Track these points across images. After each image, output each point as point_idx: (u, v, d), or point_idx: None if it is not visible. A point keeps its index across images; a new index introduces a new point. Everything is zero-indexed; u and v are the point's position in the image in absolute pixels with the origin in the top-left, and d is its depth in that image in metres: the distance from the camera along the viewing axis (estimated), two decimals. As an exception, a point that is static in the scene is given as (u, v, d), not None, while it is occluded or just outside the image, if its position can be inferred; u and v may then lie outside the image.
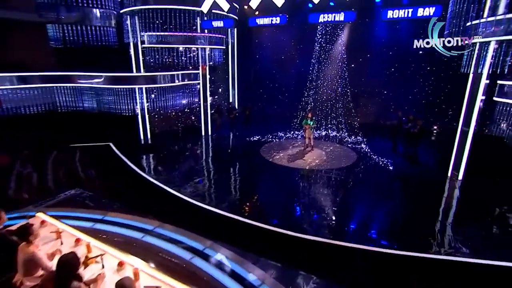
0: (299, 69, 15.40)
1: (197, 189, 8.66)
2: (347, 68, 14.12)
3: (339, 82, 14.35)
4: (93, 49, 12.45)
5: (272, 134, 14.11)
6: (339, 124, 14.28)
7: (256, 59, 17.15)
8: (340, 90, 14.37)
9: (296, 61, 15.77)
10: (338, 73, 14.31)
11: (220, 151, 12.57)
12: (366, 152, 12.02)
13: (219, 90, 16.08)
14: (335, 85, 14.40)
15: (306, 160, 11.03)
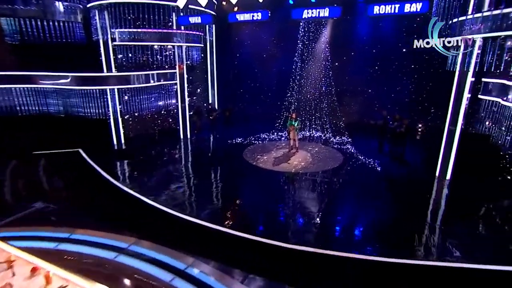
0: (282, 67, 15.03)
1: (176, 198, 8.13)
2: (331, 67, 13.90)
3: (323, 81, 14.12)
4: (57, 46, 11.54)
5: (255, 135, 13.74)
6: (323, 124, 14.11)
7: (236, 58, 16.61)
8: (324, 89, 14.15)
9: (278, 60, 15.37)
10: (321, 72, 14.06)
11: (200, 155, 12.06)
12: (352, 152, 11.90)
13: (198, 91, 15.51)
14: (319, 84, 14.16)
15: (291, 163, 10.74)
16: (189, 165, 10.86)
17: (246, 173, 10.17)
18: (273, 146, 12.67)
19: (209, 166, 10.77)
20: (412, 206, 7.78)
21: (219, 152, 12.33)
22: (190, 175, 9.97)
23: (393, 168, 10.40)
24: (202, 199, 8.15)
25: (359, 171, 10.10)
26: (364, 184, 9.14)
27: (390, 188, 8.95)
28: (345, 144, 12.78)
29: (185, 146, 13.06)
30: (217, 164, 10.99)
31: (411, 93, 13.37)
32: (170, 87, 13.32)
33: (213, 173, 10.31)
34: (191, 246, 5.92)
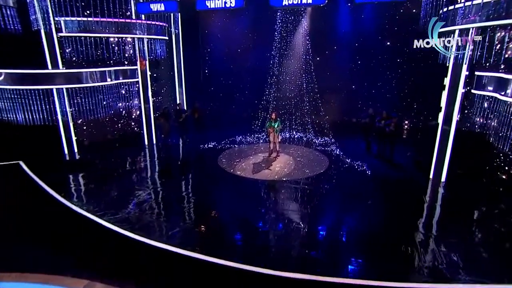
0: (258, 63, 14.35)
1: (139, 218, 7.07)
2: (312, 61, 13.41)
3: (303, 77, 13.59)
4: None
5: (230, 139, 13.06)
6: (305, 124, 13.62)
7: (207, 52, 15.74)
8: (305, 86, 13.63)
9: (254, 54, 14.63)
10: (302, 67, 13.53)
11: (168, 163, 11.03)
12: (337, 154, 11.39)
13: (164, 90, 14.38)
14: (299, 81, 13.63)
15: (273, 169, 10.00)
16: (156, 176, 9.76)
17: (222, 183, 9.30)
18: (251, 150, 11.94)
19: (179, 177, 9.75)
20: (406, 215, 7.32)
21: (190, 159, 11.37)
22: (158, 188, 8.90)
23: (383, 171, 9.96)
24: (172, 219, 7.16)
25: (347, 176, 9.59)
26: (354, 191, 8.62)
27: (381, 195, 8.46)
28: (329, 146, 12.30)
29: (150, 153, 11.93)
30: (188, 174, 10.00)
31: (395, 89, 13.16)
32: (131, 86, 12.09)
33: (184, 185, 9.32)
34: (159, 284, 4.95)
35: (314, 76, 13.42)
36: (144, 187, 8.83)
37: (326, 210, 7.85)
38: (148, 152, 12.03)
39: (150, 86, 12.39)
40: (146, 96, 12.38)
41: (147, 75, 12.22)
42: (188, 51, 14.84)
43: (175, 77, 14.65)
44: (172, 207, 7.82)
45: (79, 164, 10.50)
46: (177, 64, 14.59)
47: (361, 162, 10.51)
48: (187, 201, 8.22)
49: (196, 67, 15.71)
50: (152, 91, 12.76)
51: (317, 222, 7.15)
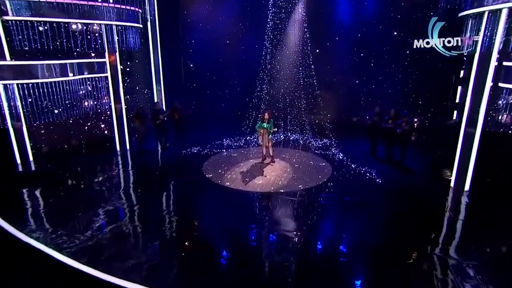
0: (248, 55, 13.48)
1: (106, 246, 5.86)
2: (311, 53, 12.47)
3: (300, 71, 12.69)
4: None
5: (217, 143, 12.04)
6: (302, 124, 12.74)
7: (189, 44, 14.61)
8: (302, 81, 12.74)
9: (243, 45, 13.78)
10: (298, 60, 12.60)
11: (144, 173, 9.76)
12: (341, 159, 10.48)
13: (139, 87, 13.10)
14: (295, 75, 12.74)
15: (267, 179, 8.96)
16: (129, 190, 8.51)
17: (209, 197, 8.19)
18: (242, 156, 10.91)
19: (157, 190, 8.54)
20: (424, 230, 6.48)
21: (170, 168, 10.21)
22: (130, 205, 7.67)
23: (395, 178, 9.07)
24: (149, 250, 5.97)
25: (354, 185, 8.65)
26: (363, 203, 7.67)
27: (395, 207, 7.55)
28: (330, 149, 11.40)
29: (123, 161, 10.67)
30: (168, 186, 8.80)
31: (399, 84, 12.36)
32: (99, 82, 10.77)
33: (163, 201, 8.13)
34: None
35: (312, 70, 12.52)
36: (114, 204, 7.59)
37: (333, 228, 6.83)
38: (121, 160, 10.77)
39: (121, 83, 11.09)
40: (117, 94, 11.11)
41: (117, 70, 10.91)
42: (167, 42, 13.68)
43: (151, 72, 13.39)
44: (149, 230, 6.63)
45: (34, 176, 9.13)
46: (154, 57, 13.31)
47: (369, 168, 9.63)
48: (168, 222, 7.03)
49: (176, 61, 14.63)
50: (125, 88, 11.50)
51: (323, 243, 6.11)
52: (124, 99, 11.36)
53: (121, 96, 11.14)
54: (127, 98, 11.71)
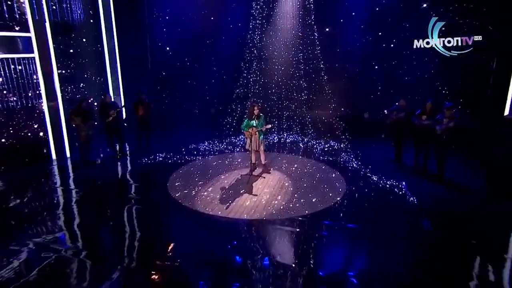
0: (233, 32, 12.05)
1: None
2: (315, 32, 11.21)
3: (300, 54, 11.46)
4: None
5: (190, 147, 10.56)
6: (303, 122, 11.59)
7: (154, 20, 12.79)
8: (303, 67, 11.52)
9: (227, 19, 12.27)
10: (298, 40, 11.35)
11: (87, 192, 7.68)
12: (356, 168, 8.76)
13: (88, 74, 11.07)
14: (294, 60, 11.54)
15: (258, 199, 7.05)
16: (59, 221, 6.43)
17: (173, 230, 6.16)
18: (223, 164, 9.15)
19: (101, 221, 6.45)
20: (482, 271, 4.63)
21: (123, 186, 8.18)
22: (61, 244, 5.57)
23: (437, 196, 7.21)
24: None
25: (380, 207, 6.72)
26: (397, 236, 5.75)
27: (441, 239, 5.60)
28: (341, 154, 9.83)
29: (60, 174, 8.67)
30: (116, 214, 6.71)
31: (420, 70, 10.87)
32: (28, 66, 8.70)
33: (108, 238, 6.06)
34: None
35: (317, 53, 11.22)
36: (46, 240, 5.50)
37: (357, 278, 4.81)
38: (57, 174, 8.73)
39: (55, 66, 9.10)
40: (51, 84, 8.97)
41: (49, 49, 8.81)
42: (124, 16, 11.76)
43: (104, 55, 11.40)
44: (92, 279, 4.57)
45: None
46: (107, 34, 11.33)
47: (396, 180, 7.84)
48: (109, 271, 4.91)
49: (137, 41, 12.62)
50: (64, 74, 9.60)
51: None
52: (62, 90, 9.38)
53: (56, 85, 9.05)
54: (69, 89, 9.78)
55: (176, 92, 13.38)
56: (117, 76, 11.78)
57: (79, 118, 8.72)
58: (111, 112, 9.17)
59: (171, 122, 12.49)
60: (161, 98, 13.45)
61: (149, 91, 12.10)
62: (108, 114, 9.18)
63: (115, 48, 11.58)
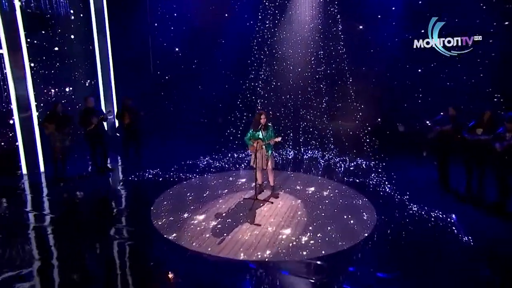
0: (238, 30, 11.24)
1: None
2: (335, 32, 10.36)
3: (318, 56, 10.66)
4: None
5: (184, 163, 9.58)
6: (322, 135, 10.73)
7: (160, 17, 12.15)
8: (324, 70, 10.72)
9: (235, 15, 11.57)
10: (315, 41, 10.55)
11: (61, 216, 6.65)
12: (389, 194, 7.50)
13: (76, 75, 10.50)
14: (311, 62, 10.69)
15: (261, 232, 5.84)
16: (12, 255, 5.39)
17: (141, 275, 4.98)
18: (222, 185, 8.11)
19: (63, 259, 5.31)
20: None
21: (96, 211, 7.14)
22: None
23: (499, 234, 5.84)
24: None
25: (421, 249, 5.38)
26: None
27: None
28: (370, 175, 8.69)
29: (32, 195, 7.71)
30: (80, 251, 5.58)
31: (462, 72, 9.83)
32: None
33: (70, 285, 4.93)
34: None
35: (342, 52, 10.25)
36: None
37: None
38: (30, 191, 7.84)
39: (28, 65, 8.32)
40: (23, 83, 8.21)
41: (21, 44, 8.02)
42: (121, 11, 11.24)
43: (95, 55, 10.81)
44: None
45: None
46: (98, 33, 10.72)
47: (443, 211, 6.49)
48: None
49: (138, 41, 12.00)
50: (44, 75, 9.12)
51: None
52: (40, 92, 8.85)
53: (28, 86, 8.28)
54: (52, 92, 9.32)
55: (179, 98, 12.64)
56: (109, 79, 11.10)
57: (53, 126, 7.83)
58: (93, 120, 8.22)
59: (171, 132, 11.79)
60: (163, 105, 12.69)
61: (149, 97, 11.60)
62: (89, 122, 8.22)
63: (107, 48, 10.97)
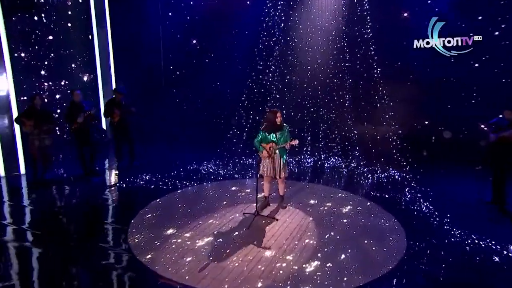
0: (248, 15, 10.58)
1: None
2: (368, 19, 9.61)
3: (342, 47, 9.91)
4: None
5: (189, 169, 9.18)
6: (348, 141, 10.01)
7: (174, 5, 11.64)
8: (347, 66, 10.01)
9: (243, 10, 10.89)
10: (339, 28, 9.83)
11: (23, 228, 6.10)
12: (425, 214, 6.48)
13: (71, 68, 10.13)
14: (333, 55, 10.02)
15: (257, 256, 4.98)
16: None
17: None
18: (223, 195, 7.46)
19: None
20: None
21: (73, 221, 6.49)
22: None
23: None
24: None
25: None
26: None
27: None
28: (403, 189, 7.74)
29: (12, 204, 7.14)
30: (43, 271, 4.90)
31: None
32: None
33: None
34: None
35: (371, 42, 9.43)
36: None
37: None
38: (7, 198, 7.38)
39: (7, 51, 7.93)
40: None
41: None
42: None
43: (93, 45, 10.53)
44: None
45: None
46: (98, 20, 10.52)
47: (496, 241, 5.40)
48: None
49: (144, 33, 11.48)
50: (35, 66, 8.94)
51: None
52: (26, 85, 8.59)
53: (8, 79, 7.93)
54: (46, 86, 9.15)
55: (192, 95, 12.12)
56: (109, 73, 10.88)
57: (31, 122, 7.31)
58: (79, 119, 7.71)
59: (174, 133, 11.29)
60: (173, 103, 12.09)
61: (154, 95, 11.37)
62: (73, 119, 7.73)
63: (107, 37, 10.78)
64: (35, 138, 7.43)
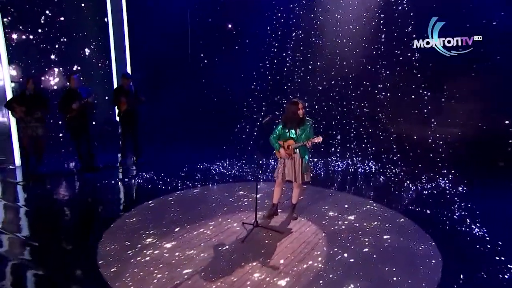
0: None
1: None
2: None
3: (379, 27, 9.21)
4: None
5: (198, 167, 8.93)
6: (386, 143, 9.40)
7: None
8: (384, 50, 9.29)
9: None
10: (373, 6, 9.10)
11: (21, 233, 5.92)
12: (472, 238, 5.60)
13: (84, 53, 10.17)
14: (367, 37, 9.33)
15: (243, 279, 4.35)
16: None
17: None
18: (225, 200, 7.01)
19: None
20: None
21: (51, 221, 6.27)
22: None
23: None
24: None
25: None
26: None
27: None
28: (450, 206, 6.84)
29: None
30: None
31: None
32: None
33: None
34: None
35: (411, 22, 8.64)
36: None
37: None
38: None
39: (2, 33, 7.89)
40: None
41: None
42: None
43: (108, 29, 10.42)
44: None
45: None
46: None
47: None
48: None
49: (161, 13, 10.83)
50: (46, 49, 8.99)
51: None
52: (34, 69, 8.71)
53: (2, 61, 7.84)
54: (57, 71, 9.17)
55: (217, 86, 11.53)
56: (124, 59, 10.76)
57: (23, 108, 7.17)
58: (74, 105, 7.52)
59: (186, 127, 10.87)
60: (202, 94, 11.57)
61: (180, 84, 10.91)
62: (69, 107, 7.55)
63: (122, 20, 10.61)
64: (27, 126, 7.33)
